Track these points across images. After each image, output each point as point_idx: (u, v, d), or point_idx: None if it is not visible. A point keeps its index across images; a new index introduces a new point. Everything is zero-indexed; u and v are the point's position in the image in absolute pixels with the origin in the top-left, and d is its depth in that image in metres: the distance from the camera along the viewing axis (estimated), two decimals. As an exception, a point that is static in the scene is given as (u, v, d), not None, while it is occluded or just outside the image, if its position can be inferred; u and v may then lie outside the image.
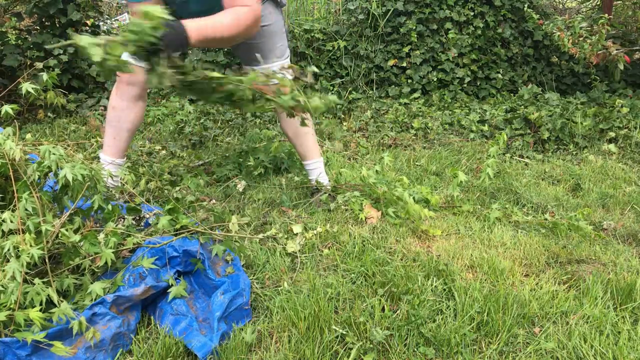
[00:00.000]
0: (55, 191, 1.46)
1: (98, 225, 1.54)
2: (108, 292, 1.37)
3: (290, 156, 2.65)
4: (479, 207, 2.26)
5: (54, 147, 1.38)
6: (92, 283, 1.35)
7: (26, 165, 1.38)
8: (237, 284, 1.50)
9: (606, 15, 3.90)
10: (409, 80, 4.29)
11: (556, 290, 1.60)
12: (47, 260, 1.28)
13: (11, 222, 1.26)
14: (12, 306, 1.18)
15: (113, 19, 4.48)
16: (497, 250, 1.86)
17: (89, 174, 1.39)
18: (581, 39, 3.62)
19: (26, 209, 1.29)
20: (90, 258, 1.35)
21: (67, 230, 1.34)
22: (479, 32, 4.31)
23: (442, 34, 4.34)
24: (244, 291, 1.48)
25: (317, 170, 2.31)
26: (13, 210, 1.30)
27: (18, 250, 1.23)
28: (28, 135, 2.17)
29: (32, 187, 1.33)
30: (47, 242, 1.28)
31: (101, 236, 1.40)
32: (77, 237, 1.31)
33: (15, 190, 1.32)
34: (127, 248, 1.45)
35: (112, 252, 1.36)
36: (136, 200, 1.64)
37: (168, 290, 1.44)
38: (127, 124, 2.12)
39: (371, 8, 4.21)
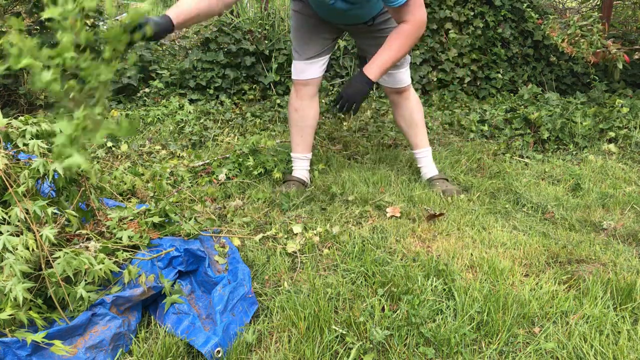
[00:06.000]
0: (52, 196, 1.46)
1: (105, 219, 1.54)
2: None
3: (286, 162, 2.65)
4: (479, 207, 2.26)
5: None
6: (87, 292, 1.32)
7: (20, 171, 1.36)
8: (236, 276, 1.50)
9: (596, 13, 3.90)
10: (409, 80, 4.29)
11: (556, 290, 1.60)
12: (43, 266, 1.27)
13: (8, 231, 1.25)
14: (11, 305, 1.18)
15: (113, 19, 4.48)
16: (497, 250, 1.86)
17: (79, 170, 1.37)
18: (577, 38, 3.63)
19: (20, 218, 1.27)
20: (86, 268, 1.33)
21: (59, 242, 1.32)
22: (479, 32, 4.31)
23: (442, 34, 4.34)
24: (244, 281, 1.49)
25: (427, 159, 2.55)
26: (9, 223, 1.29)
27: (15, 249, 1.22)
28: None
29: (24, 196, 1.31)
30: (42, 249, 1.28)
31: (92, 244, 1.38)
32: (70, 254, 1.28)
33: (9, 200, 1.31)
34: (118, 261, 1.43)
35: (103, 268, 1.34)
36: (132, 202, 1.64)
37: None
38: (308, 120, 2.44)
39: (371, 8, 4.21)
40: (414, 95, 2.53)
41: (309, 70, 2.39)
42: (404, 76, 2.45)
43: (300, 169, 2.49)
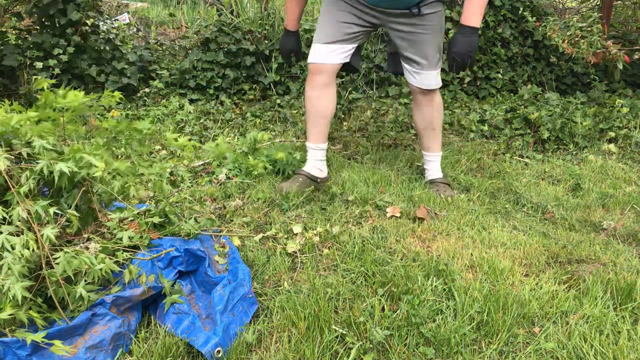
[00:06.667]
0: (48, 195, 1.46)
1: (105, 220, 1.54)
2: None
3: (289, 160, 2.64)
4: (479, 207, 2.26)
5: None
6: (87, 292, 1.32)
7: (22, 171, 1.36)
8: (237, 276, 1.51)
9: (596, 13, 3.90)
10: (409, 80, 4.28)
11: (556, 290, 1.60)
12: (43, 266, 1.27)
13: (9, 232, 1.25)
14: (10, 304, 1.18)
15: (113, 19, 4.48)
16: (497, 250, 1.86)
17: (76, 169, 1.37)
18: (577, 38, 3.63)
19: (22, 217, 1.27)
20: (86, 268, 1.32)
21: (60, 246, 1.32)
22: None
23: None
24: (244, 281, 1.49)
25: (435, 163, 2.55)
26: (10, 223, 1.29)
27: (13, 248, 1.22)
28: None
29: (25, 197, 1.30)
30: (43, 248, 1.28)
31: (92, 245, 1.38)
32: (70, 253, 1.28)
33: (10, 200, 1.31)
34: (119, 261, 1.42)
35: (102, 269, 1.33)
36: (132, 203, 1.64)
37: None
38: (321, 111, 2.38)
39: (371, 8, 4.21)
40: (439, 99, 2.47)
41: (322, 54, 2.31)
42: (436, 78, 2.40)
43: (313, 159, 2.41)
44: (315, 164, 2.41)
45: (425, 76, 2.37)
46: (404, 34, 2.31)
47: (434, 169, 2.55)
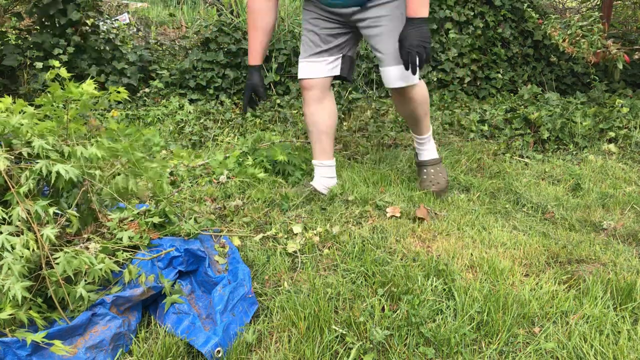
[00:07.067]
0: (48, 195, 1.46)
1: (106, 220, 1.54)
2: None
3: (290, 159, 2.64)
4: (479, 207, 2.26)
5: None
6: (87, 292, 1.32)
7: (21, 171, 1.36)
8: (236, 276, 1.51)
9: (597, 13, 3.91)
10: (409, 80, 4.28)
11: (556, 290, 1.60)
12: (43, 266, 1.27)
13: (9, 232, 1.25)
14: (10, 304, 1.18)
15: (113, 19, 4.48)
16: (497, 250, 1.86)
17: (78, 172, 1.37)
18: (578, 37, 3.63)
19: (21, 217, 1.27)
20: (86, 268, 1.32)
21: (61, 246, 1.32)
22: (479, 32, 4.31)
23: (442, 34, 4.34)
24: (244, 281, 1.49)
25: (429, 144, 2.47)
26: (10, 223, 1.29)
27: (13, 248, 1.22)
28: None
29: (25, 197, 1.30)
30: (43, 248, 1.28)
31: (92, 245, 1.37)
32: (70, 253, 1.28)
33: (10, 200, 1.30)
34: (119, 261, 1.42)
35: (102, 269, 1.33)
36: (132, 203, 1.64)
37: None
38: (320, 125, 2.32)
39: (371, 8, 4.21)
40: (420, 93, 2.27)
41: (306, 68, 2.27)
42: (399, 74, 2.17)
43: (319, 176, 2.36)
44: (322, 181, 2.35)
45: (385, 73, 2.21)
46: (363, 29, 2.19)
47: (425, 149, 2.45)
